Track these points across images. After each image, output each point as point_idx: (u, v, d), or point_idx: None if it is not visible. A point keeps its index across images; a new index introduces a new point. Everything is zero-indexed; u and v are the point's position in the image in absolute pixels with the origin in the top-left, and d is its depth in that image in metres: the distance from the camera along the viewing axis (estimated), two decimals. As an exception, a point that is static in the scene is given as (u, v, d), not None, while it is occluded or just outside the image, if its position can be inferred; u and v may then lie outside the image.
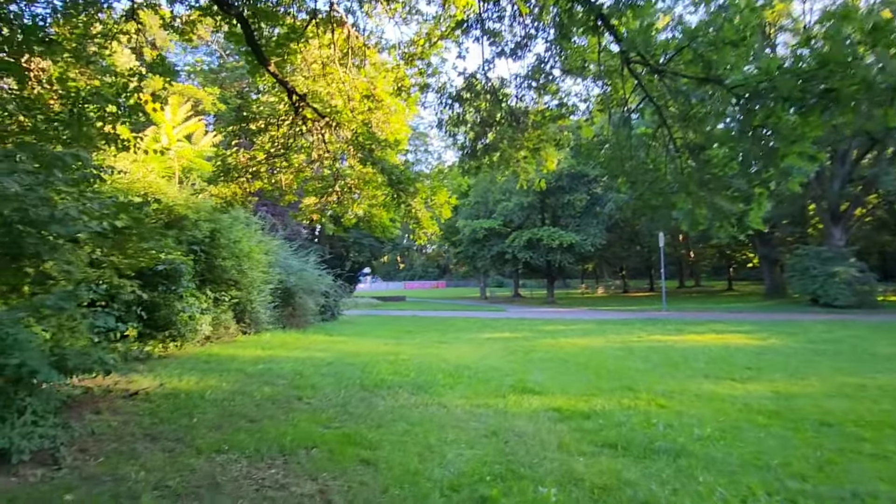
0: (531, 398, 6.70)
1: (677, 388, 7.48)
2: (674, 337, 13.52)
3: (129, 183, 8.87)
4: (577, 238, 29.35)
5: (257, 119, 7.29)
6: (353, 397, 6.41)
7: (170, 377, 6.78)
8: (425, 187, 6.46)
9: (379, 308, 26.48)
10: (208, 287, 9.92)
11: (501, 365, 9.17)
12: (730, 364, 9.38)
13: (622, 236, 38.60)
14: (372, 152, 6.72)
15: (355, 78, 7.51)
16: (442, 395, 6.69)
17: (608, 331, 15.26)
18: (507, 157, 6.03)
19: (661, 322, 17.97)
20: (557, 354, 10.51)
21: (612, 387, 7.48)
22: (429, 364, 8.90)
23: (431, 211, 6.84)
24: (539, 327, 16.58)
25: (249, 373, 7.51)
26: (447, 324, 17.55)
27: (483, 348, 11.43)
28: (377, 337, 12.94)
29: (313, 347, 10.47)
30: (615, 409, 6.30)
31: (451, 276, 71.03)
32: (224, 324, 10.48)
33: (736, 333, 14.33)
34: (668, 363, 9.47)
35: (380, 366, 8.54)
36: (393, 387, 7.04)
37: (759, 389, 7.48)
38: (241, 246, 10.52)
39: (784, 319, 18.78)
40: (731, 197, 3.91)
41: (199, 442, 4.35)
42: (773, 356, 10.38)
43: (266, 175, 7.69)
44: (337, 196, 8.49)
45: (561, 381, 7.94)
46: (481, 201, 33.33)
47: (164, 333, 8.52)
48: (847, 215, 25.98)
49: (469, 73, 5.98)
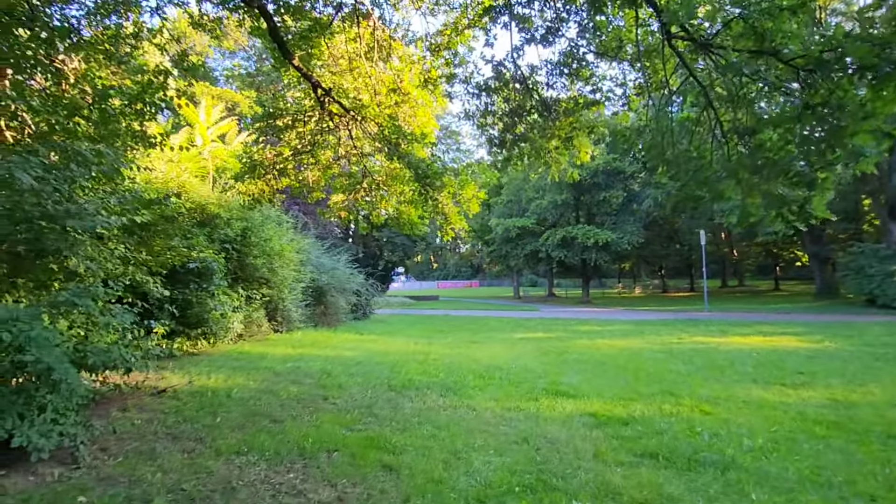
0: (565, 402, 6.38)
1: (723, 393, 7.01)
2: (717, 339, 12.85)
3: (164, 182, 8.99)
4: (613, 236, 28.55)
5: (284, 115, 7.22)
6: (380, 398, 6.25)
7: (199, 375, 6.79)
8: (452, 182, 6.23)
9: (411, 307, 26.43)
10: (240, 285, 9.98)
11: (534, 366, 8.85)
12: (780, 368, 8.78)
13: (661, 234, 37.38)
14: (398, 146, 6.54)
15: (381, 71, 7.35)
16: (471, 398, 6.45)
17: (647, 332, 14.67)
18: (537, 148, 5.73)
19: (704, 323, 17.19)
20: (593, 356, 10.11)
21: (651, 391, 7.08)
22: (459, 364, 8.67)
23: (459, 206, 6.61)
24: (574, 327, 16.11)
25: (278, 371, 7.46)
26: (479, 323, 17.28)
27: (515, 349, 11.12)
28: (408, 336, 12.79)
29: (343, 346, 10.40)
30: (655, 415, 5.93)
31: (485, 276, 70.58)
32: (256, 322, 10.53)
33: (785, 335, 13.52)
34: (712, 366, 8.95)
35: (409, 366, 8.37)
36: (421, 388, 6.85)
37: (814, 396, 6.93)
38: (272, 244, 10.56)
39: (837, 321, 17.66)
40: (791, 182, 3.51)
41: (220, 443, 4.25)
42: (828, 360, 9.69)
43: (293, 172, 7.62)
44: (365, 193, 8.37)
45: (597, 384, 7.57)
46: (514, 199, 32.89)
47: (196, 331, 8.58)
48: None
49: (497, 61, 5.71)
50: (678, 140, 4.49)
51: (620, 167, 29.44)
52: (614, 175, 30.02)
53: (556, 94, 5.66)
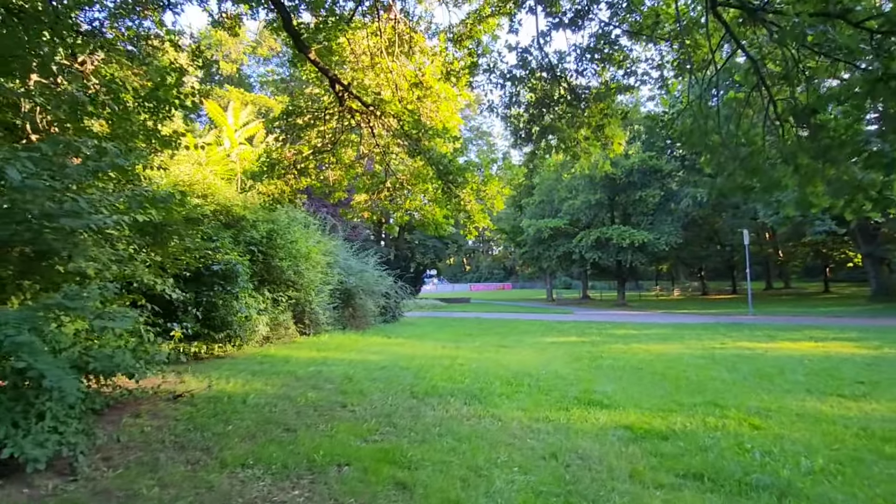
0: (598, 412, 5.94)
1: (773, 404, 6.42)
2: (764, 344, 12.05)
3: (190, 184, 8.99)
4: (649, 237, 27.57)
5: (304, 113, 7.04)
6: (401, 406, 5.96)
7: (219, 379, 6.66)
8: (476, 178, 5.90)
9: (442, 310, 26.14)
10: (266, 287, 9.90)
11: (566, 373, 8.40)
12: (836, 378, 8.07)
13: (700, 234, 35.96)
14: (419, 142, 6.26)
15: (403, 65, 7.10)
16: (497, 407, 6.09)
17: (687, 336, 13.93)
18: (565, 138, 5.33)
19: (748, 327, 16.27)
20: (629, 362, 9.56)
21: (693, 401, 6.55)
22: (486, 370, 8.31)
23: (483, 203, 6.27)
24: (609, 331, 15.48)
25: (299, 376, 7.28)
26: (510, 326, 16.84)
27: (546, 353, 10.67)
28: (436, 340, 12.50)
29: (368, 350, 10.19)
30: (698, 428, 5.43)
31: (518, 278, 69.65)
32: (283, 324, 10.45)
33: (839, 341, 12.60)
34: (760, 374, 8.30)
35: (434, 371, 8.07)
36: (444, 395, 6.53)
37: (878, 410, 6.28)
38: (298, 246, 10.45)
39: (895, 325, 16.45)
40: (866, 164, 3.02)
41: (227, 454, 4.03)
42: (890, 368, 8.89)
43: (314, 171, 7.44)
44: (389, 192, 8.13)
45: (633, 392, 7.09)
46: (546, 200, 32.23)
47: (220, 334, 8.51)
48: (974, 206, 22.56)
49: (522, 48, 5.35)
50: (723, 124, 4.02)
51: (657, 165, 28.45)
52: (651, 174, 29.02)
53: (587, 82, 5.26)
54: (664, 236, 28.25)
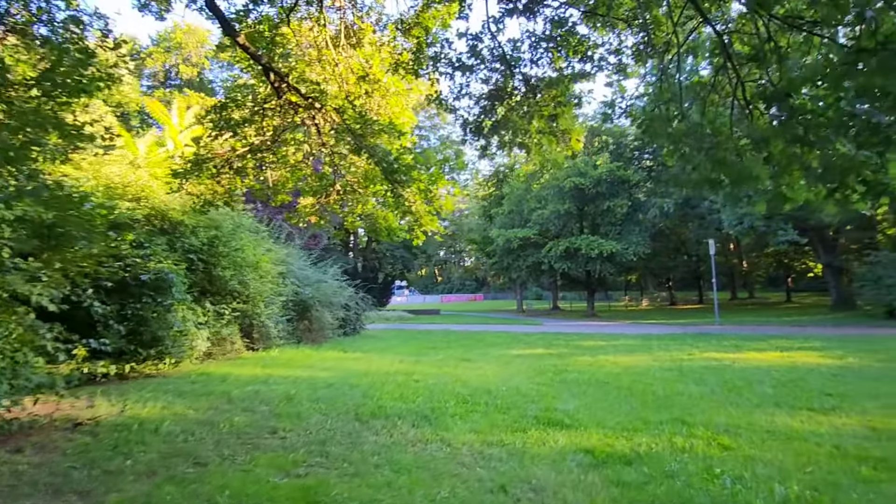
0: (558, 434, 5.44)
1: (743, 420, 6.05)
2: (731, 354, 11.84)
3: (123, 186, 8.23)
4: (618, 247, 27.54)
5: (241, 107, 6.43)
6: (340, 430, 5.34)
7: (137, 402, 5.92)
8: (423, 176, 5.39)
9: (409, 322, 25.42)
10: (207, 299, 9.14)
11: (528, 388, 7.91)
12: (804, 389, 7.81)
13: (667, 245, 36.36)
14: (363, 138, 5.72)
15: (349, 57, 6.57)
16: (448, 429, 5.53)
17: (655, 347, 13.65)
18: (517, 131, 4.89)
19: (715, 337, 16.15)
20: (595, 375, 9.14)
21: (660, 418, 6.13)
22: (443, 387, 7.75)
23: (431, 205, 5.76)
24: (576, 343, 15.11)
25: (233, 396, 6.58)
26: (476, 339, 16.31)
27: (510, 367, 10.17)
28: (396, 354, 11.87)
29: (320, 366, 9.50)
30: (665, 450, 4.98)
31: (489, 289, 69.31)
32: (228, 339, 9.68)
33: (804, 350, 12.51)
34: (728, 387, 7.97)
35: (385, 389, 7.47)
36: (392, 417, 5.94)
37: (849, 424, 5.98)
38: (244, 255, 9.73)
39: (857, 334, 16.60)
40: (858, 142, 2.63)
41: (111, 497, 3.36)
42: (856, 379, 8.70)
43: (253, 171, 6.81)
44: (339, 196, 7.54)
45: (597, 409, 6.63)
46: (516, 210, 32.00)
47: (151, 350, 7.72)
48: (927, 217, 23.24)
49: (472, 34, 4.90)
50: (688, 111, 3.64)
51: (625, 176, 28.58)
52: (619, 184, 29.13)
53: (542, 72, 4.84)
54: (632, 246, 28.29)
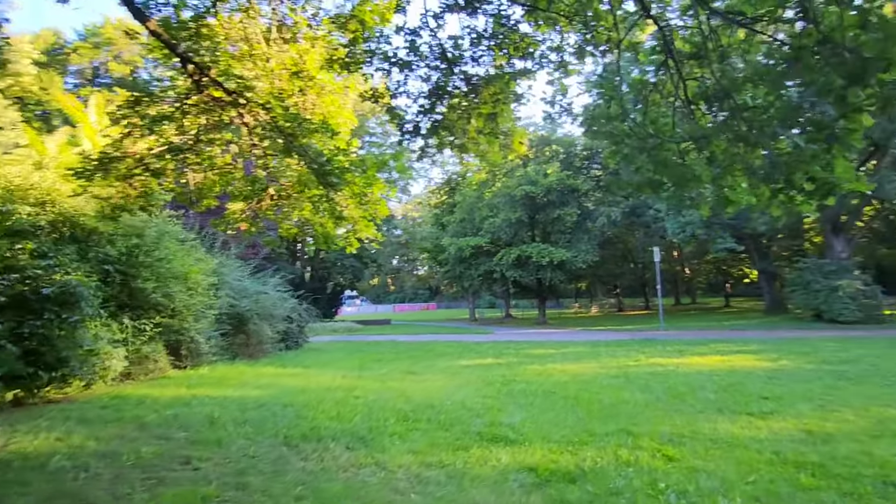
0: (501, 451, 5.17)
1: (687, 428, 5.99)
2: (675, 360, 12.02)
3: (24, 189, 7.40)
4: (567, 254, 27.92)
5: (158, 101, 5.85)
6: (264, 457, 4.85)
7: (27, 433, 5.20)
8: (358, 179, 5.03)
9: (358, 333, 24.68)
10: (126, 314, 8.35)
11: (474, 401, 7.62)
12: (743, 393, 7.93)
13: (615, 253, 37.34)
14: (294, 138, 5.29)
15: (283, 51, 6.14)
16: (385, 451, 5.14)
17: (602, 354, 13.73)
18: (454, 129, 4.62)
19: (660, 343, 16.48)
20: (543, 385, 8.97)
21: (606, 430, 5.97)
22: (384, 403, 7.34)
23: (366, 210, 5.40)
24: (526, 351, 15.01)
25: (148, 422, 5.93)
26: (425, 350, 15.93)
27: (457, 379, 9.87)
28: (339, 368, 11.32)
29: (253, 383, 8.87)
30: (610, 464, 4.79)
31: (443, 298, 69.00)
32: (150, 357, 8.88)
33: (742, 354, 12.91)
34: (673, 394, 7.98)
35: (322, 407, 6.98)
36: (325, 439, 5.49)
37: (786, 428, 6.03)
38: (170, 265, 8.99)
39: (789, 337, 17.41)
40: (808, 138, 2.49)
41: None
42: (790, 381, 8.96)
43: (173, 173, 6.22)
44: (273, 201, 7.04)
45: (543, 421, 6.42)
46: (468, 218, 31.95)
47: (55, 373, 6.90)
48: (848, 226, 24.82)
49: (410, 29, 4.61)
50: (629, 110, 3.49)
51: (574, 184, 29.08)
52: (568, 193, 29.62)
53: (484, 70, 4.60)
54: (581, 254, 28.76)
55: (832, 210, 24.07)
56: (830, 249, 24.52)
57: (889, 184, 21.45)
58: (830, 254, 24.32)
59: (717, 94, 2.83)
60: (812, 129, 2.41)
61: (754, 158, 2.67)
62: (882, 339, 15.84)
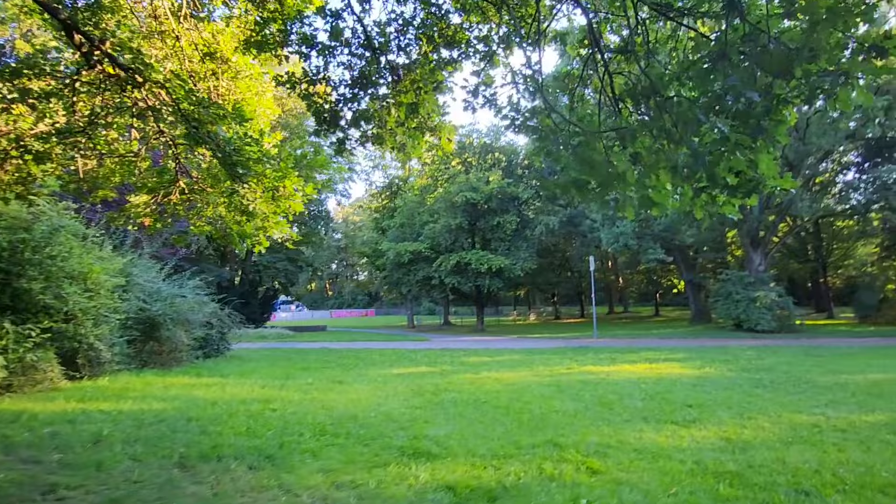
0: (421, 467, 4.83)
1: (613, 439, 5.91)
2: (606, 368, 12.17)
3: None
4: (506, 262, 28.11)
5: (42, 75, 5.14)
6: (150, 482, 4.25)
7: None
8: (269, 171, 4.57)
9: (289, 340, 23.59)
10: (7, 318, 7.35)
11: (400, 412, 7.25)
12: (669, 402, 8.03)
13: (553, 261, 38.12)
14: (200, 124, 4.76)
15: (191, 29, 5.58)
16: (293, 470, 4.67)
17: (537, 362, 13.73)
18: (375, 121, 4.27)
19: (593, 350, 16.76)
20: (474, 395, 8.73)
21: (533, 441, 5.78)
22: (303, 416, 6.82)
23: (278, 205, 4.94)
24: (461, 359, 14.79)
25: (16, 442, 5.14)
26: (358, 357, 15.36)
27: (386, 388, 9.44)
28: (261, 377, 10.59)
29: (160, 395, 8.05)
30: (533, 479, 4.58)
31: (382, 304, 67.86)
32: (37, 367, 7.87)
33: (669, 362, 13.29)
34: (602, 402, 7.96)
35: (232, 421, 6.38)
36: (227, 457, 4.94)
37: (707, 437, 6.08)
38: (64, 264, 8.02)
39: (713, 345, 18.22)
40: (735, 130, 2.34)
41: None
42: (713, 389, 9.21)
43: (59, 159, 5.49)
44: (186, 196, 6.39)
45: (470, 433, 6.14)
46: (408, 223, 31.57)
47: None
48: (765, 240, 26.53)
49: (332, 11, 4.23)
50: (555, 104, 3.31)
51: (515, 192, 29.37)
52: (509, 200, 29.90)
53: (410, 60, 4.28)
54: (520, 262, 29.04)
55: (751, 225, 25.68)
56: (750, 263, 26.09)
57: (801, 202, 23.09)
58: (750, 267, 25.87)
59: (644, 92, 2.68)
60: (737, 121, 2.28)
61: (678, 154, 2.52)
62: (794, 347, 16.90)
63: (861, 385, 9.18)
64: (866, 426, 6.39)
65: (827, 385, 9.31)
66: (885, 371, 10.99)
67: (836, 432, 6.19)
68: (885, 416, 6.87)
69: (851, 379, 9.86)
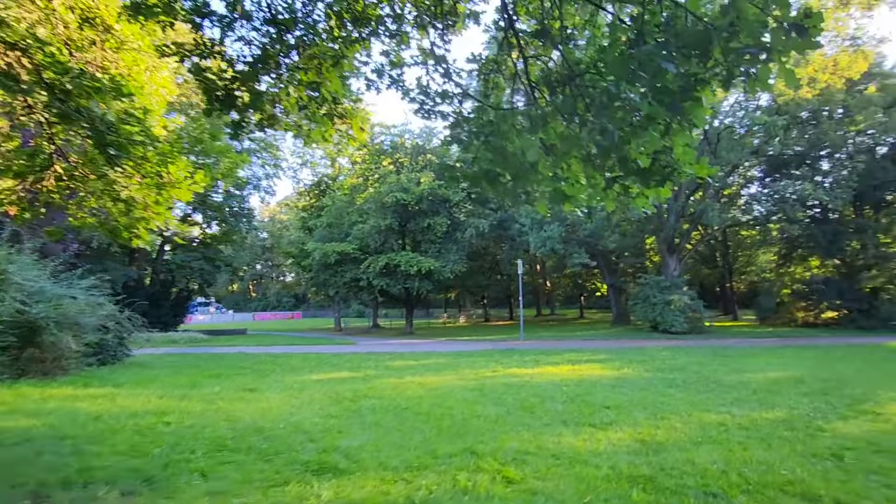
0: (325, 485, 4.42)
1: (532, 444, 5.78)
2: (531, 370, 12.21)
3: None
4: (436, 264, 27.92)
5: None
6: (-12, 520, 3.55)
7: None
8: (150, 155, 4.00)
9: (202, 344, 21.97)
10: None
11: (312, 423, 6.76)
12: (588, 404, 8.07)
13: (483, 264, 38.47)
14: (69, 96, 4.08)
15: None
16: (175, 494, 4.11)
17: (463, 365, 13.58)
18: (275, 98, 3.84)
19: (519, 353, 16.89)
20: (395, 401, 8.37)
21: (451, 450, 5.52)
22: (201, 430, 6.16)
23: (161, 193, 4.36)
24: (386, 363, 14.36)
25: None
26: (276, 363, 14.51)
27: (301, 396, 8.86)
28: (161, 387, 9.63)
29: (31, 409, 7.03)
30: (446, 493, 4.30)
31: (309, 307, 65.59)
32: None
33: (591, 363, 13.59)
34: (524, 406, 7.87)
35: (115, 439, 5.63)
36: (97, 483, 4.27)
37: (622, 439, 6.10)
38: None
39: (632, 347, 18.94)
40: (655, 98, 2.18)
41: None
42: (630, 390, 9.41)
43: None
44: (65, 182, 5.55)
45: (386, 443, 5.79)
46: (336, 223, 30.61)
47: None
48: (680, 247, 28.13)
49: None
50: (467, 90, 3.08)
51: (446, 195, 29.27)
52: (440, 202, 29.75)
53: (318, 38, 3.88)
54: (450, 264, 28.96)
55: (668, 232, 27.15)
56: (666, 268, 27.57)
57: (711, 212, 24.66)
58: (666, 272, 27.32)
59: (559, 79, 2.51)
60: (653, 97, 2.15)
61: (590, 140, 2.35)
62: (703, 347, 17.91)
63: (762, 383, 9.74)
64: (767, 423, 6.69)
65: (732, 384, 9.79)
66: (782, 369, 11.80)
67: (740, 430, 6.41)
68: (783, 413, 7.25)
69: (753, 377, 10.46)
